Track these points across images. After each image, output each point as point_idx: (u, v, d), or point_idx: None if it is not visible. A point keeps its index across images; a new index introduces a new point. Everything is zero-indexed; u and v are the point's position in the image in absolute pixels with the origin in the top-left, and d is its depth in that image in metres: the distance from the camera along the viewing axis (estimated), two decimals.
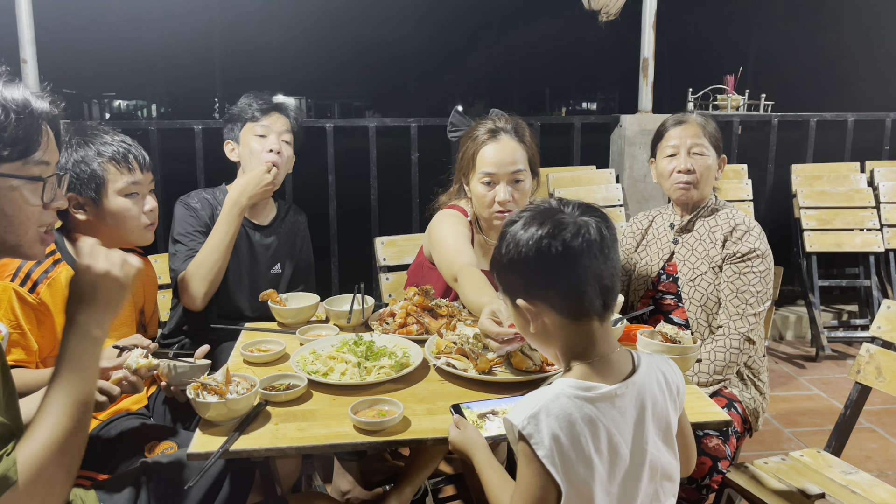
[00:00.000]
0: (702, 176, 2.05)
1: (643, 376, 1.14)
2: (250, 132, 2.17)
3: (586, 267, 1.09)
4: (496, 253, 1.18)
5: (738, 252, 1.98)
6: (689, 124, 2.07)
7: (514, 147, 1.95)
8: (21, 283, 1.54)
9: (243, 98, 2.24)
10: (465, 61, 43.99)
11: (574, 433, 1.05)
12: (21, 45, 3.24)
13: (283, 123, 2.19)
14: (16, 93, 1.05)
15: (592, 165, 4.00)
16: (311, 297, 2.00)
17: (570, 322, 1.12)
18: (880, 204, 3.95)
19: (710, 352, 1.95)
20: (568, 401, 1.06)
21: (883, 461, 2.73)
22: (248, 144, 2.16)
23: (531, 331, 1.16)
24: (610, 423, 1.08)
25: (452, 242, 1.95)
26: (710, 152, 2.06)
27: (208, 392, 1.33)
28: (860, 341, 3.90)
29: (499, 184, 1.94)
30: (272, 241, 2.26)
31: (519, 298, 1.14)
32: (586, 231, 1.09)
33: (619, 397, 1.10)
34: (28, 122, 1.05)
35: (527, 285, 1.14)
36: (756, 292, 1.96)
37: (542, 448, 1.03)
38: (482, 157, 1.95)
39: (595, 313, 1.12)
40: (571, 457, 1.05)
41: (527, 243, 1.10)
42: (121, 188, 1.71)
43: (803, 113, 4.29)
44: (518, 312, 1.17)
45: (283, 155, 2.15)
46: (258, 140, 2.15)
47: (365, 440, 1.30)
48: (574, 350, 1.14)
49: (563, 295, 1.11)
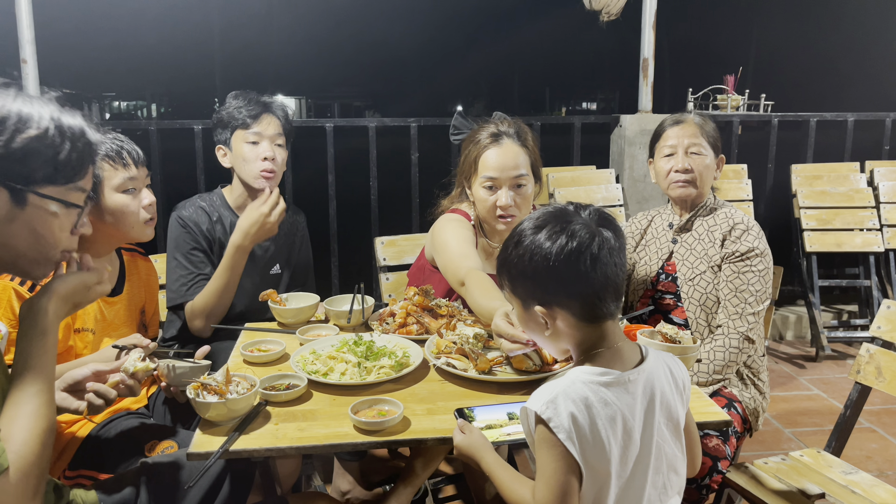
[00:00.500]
0: (700, 175, 2.05)
1: (651, 365, 1.18)
2: (242, 139, 2.11)
3: (603, 272, 1.12)
4: (509, 258, 1.19)
5: (736, 251, 1.98)
6: (686, 124, 2.07)
7: (516, 151, 1.93)
8: (21, 283, 1.54)
9: (231, 100, 2.17)
10: (465, 61, 43.99)
11: (591, 414, 1.08)
12: (21, 45, 3.24)
13: (274, 126, 2.13)
14: (73, 120, 1.09)
15: (592, 165, 4.00)
16: (311, 297, 2.00)
17: (586, 324, 1.16)
18: (880, 204, 3.95)
19: (709, 351, 1.95)
20: (584, 385, 1.11)
21: (883, 461, 2.73)
22: (240, 152, 2.12)
23: (546, 334, 1.19)
24: (624, 406, 1.11)
25: (457, 247, 1.93)
26: (707, 152, 2.06)
27: (208, 392, 1.33)
28: (860, 341, 3.90)
29: (501, 188, 1.93)
30: (269, 242, 2.25)
31: (536, 305, 1.17)
32: (601, 236, 1.13)
33: (631, 382, 1.14)
34: (81, 150, 1.09)
35: (542, 291, 1.16)
36: (755, 291, 1.95)
37: (561, 431, 1.06)
38: (484, 162, 1.94)
39: (609, 316, 1.17)
40: (589, 438, 1.08)
41: (540, 248, 1.13)
42: (117, 185, 1.70)
43: (803, 113, 4.29)
44: (531, 316, 1.19)
45: (277, 160, 2.13)
46: (250, 147, 2.11)
47: (365, 440, 1.30)
48: (587, 344, 1.18)
49: (582, 302, 1.14)
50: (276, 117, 2.15)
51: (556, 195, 3.67)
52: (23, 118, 1.03)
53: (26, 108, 1.04)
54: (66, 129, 1.07)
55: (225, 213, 2.19)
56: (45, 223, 1.08)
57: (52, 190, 1.07)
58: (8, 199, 1.04)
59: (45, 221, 1.08)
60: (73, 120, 1.08)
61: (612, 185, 3.84)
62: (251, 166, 2.10)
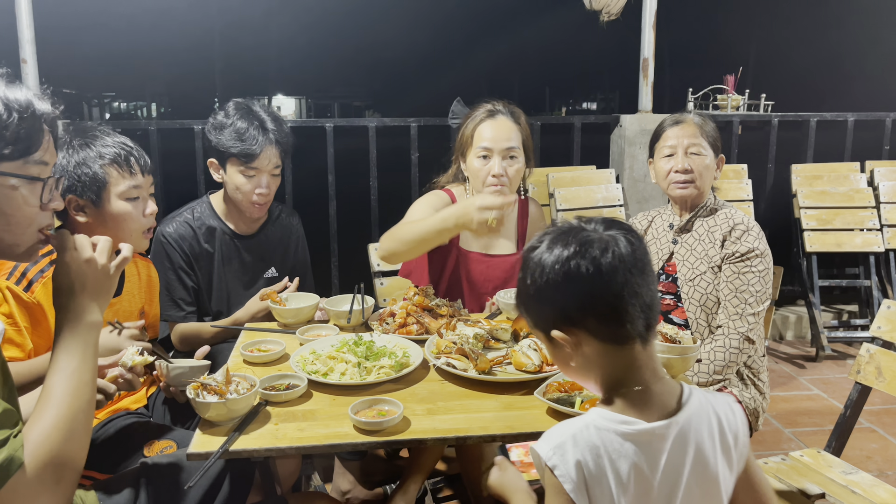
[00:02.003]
0: (700, 175, 2.04)
1: (689, 416, 1.02)
2: (237, 170, 2.06)
3: (622, 284, 0.99)
4: (520, 285, 1.08)
5: (736, 252, 1.98)
6: (686, 124, 2.07)
7: (509, 126, 2.08)
8: (17, 282, 1.53)
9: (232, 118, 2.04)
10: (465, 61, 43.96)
11: (600, 465, 0.98)
12: (21, 45, 3.24)
13: (273, 159, 2.07)
14: (18, 93, 1.06)
15: (592, 165, 4.00)
16: (311, 297, 2.00)
17: (613, 347, 1.02)
18: (880, 204, 3.95)
19: (709, 351, 1.95)
20: (597, 432, 1.00)
21: (883, 461, 2.73)
22: (235, 181, 2.07)
23: (572, 364, 1.06)
24: (643, 463, 0.99)
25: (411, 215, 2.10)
26: (707, 152, 2.05)
27: (208, 392, 1.33)
28: (860, 341, 3.90)
29: (493, 157, 2.06)
30: (262, 246, 2.23)
31: (554, 330, 1.04)
32: (615, 245, 1.00)
33: (656, 438, 1.00)
34: (30, 122, 1.07)
35: (560, 313, 1.03)
36: (755, 292, 1.95)
37: (568, 481, 0.97)
38: (479, 133, 2.08)
39: (637, 335, 1.02)
40: (596, 492, 0.99)
41: (552, 267, 1.01)
42: (122, 192, 1.69)
43: (803, 113, 4.29)
44: (555, 346, 1.06)
45: (271, 190, 2.11)
46: (246, 180, 2.06)
47: (365, 440, 1.30)
48: (614, 377, 1.04)
49: (601, 318, 1.01)
50: (276, 146, 2.07)
51: (556, 195, 3.66)
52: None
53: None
54: (13, 102, 1.05)
55: (213, 222, 2.17)
56: (10, 201, 1.07)
57: (7, 166, 1.06)
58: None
59: (9, 199, 1.07)
60: (18, 93, 1.07)
61: (613, 185, 3.84)
62: (245, 196, 2.08)
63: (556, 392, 1.41)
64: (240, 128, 2.03)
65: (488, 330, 1.73)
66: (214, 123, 2.08)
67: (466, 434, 1.32)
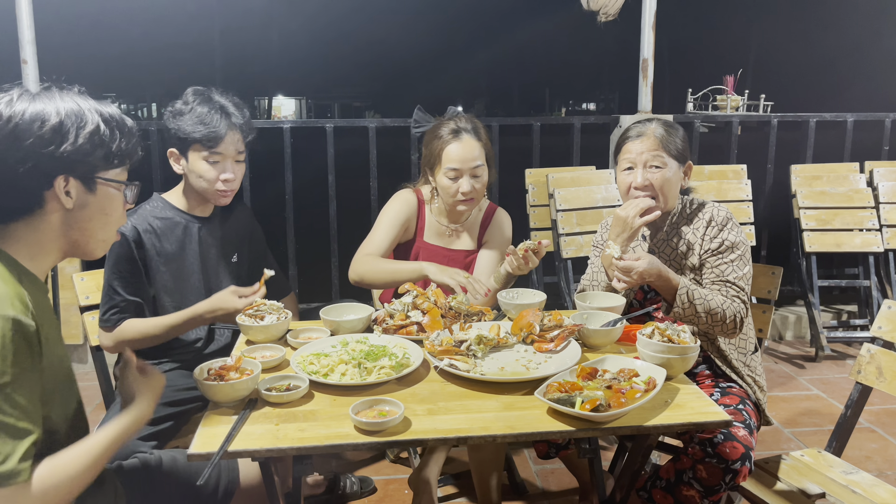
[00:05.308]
0: (661, 189, 1.99)
1: None
2: (200, 156, 1.97)
3: None
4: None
5: (709, 249, 1.99)
6: (645, 138, 2.00)
7: (473, 145, 2.21)
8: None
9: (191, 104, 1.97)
10: (464, 61, 43.98)
11: None
12: (21, 45, 3.24)
13: (236, 144, 1.99)
14: (111, 109, 1.24)
15: (592, 165, 4.00)
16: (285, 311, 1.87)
17: None
18: (880, 204, 3.95)
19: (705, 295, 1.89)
20: None
21: (883, 461, 2.74)
22: (197, 169, 1.98)
23: None
24: None
25: (379, 229, 2.33)
26: (670, 163, 1.99)
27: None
28: (860, 341, 3.90)
29: (462, 177, 2.20)
30: (221, 231, 2.13)
31: None
32: None
33: None
34: (128, 133, 1.26)
35: None
36: (736, 278, 1.95)
37: None
38: (447, 155, 2.21)
39: None
40: None
41: None
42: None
43: (803, 113, 4.29)
44: None
45: (237, 177, 2.03)
46: (209, 168, 1.97)
47: (365, 440, 1.31)
48: None
49: None
50: (239, 132, 2.01)
51: (556, 195, 3.67)
52: (78, 116, 1.18)
53: (75, 106, 1.18)
54: (109, 117, 1.22)
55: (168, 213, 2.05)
56: (112, 203, 1.26)
57: (112, 173, 1.24)
58: (81, 188, 1.20)
59: (112, 202, 1.26)
60: (110, 108, 1.24)
61: (612, 186, 3.84)
62: (209, 185, 1.99)
63: (556, 392, 1.42)
64: (201, 112, 1.96)
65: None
66: (173, 111, 2.00)
67: (467, 434, 1.32)
